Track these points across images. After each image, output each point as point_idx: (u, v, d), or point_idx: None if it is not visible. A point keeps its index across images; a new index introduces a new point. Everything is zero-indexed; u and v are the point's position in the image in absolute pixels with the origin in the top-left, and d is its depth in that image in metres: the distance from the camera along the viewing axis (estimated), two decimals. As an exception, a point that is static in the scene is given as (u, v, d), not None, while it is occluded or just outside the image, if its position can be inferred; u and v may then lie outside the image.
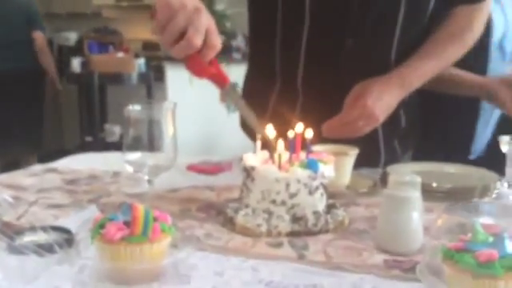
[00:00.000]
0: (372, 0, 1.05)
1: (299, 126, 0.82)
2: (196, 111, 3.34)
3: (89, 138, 4.09)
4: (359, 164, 0.98)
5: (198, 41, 0.74)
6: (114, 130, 4.04)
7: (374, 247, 0.71)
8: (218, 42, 0.77)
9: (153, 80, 4.03)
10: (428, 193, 0.80)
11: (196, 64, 0.77)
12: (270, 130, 0.81)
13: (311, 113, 0.96)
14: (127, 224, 0.59)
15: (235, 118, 1.23)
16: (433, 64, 1.09)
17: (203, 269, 0.63)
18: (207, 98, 2.76)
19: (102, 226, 0.59)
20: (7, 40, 3.42)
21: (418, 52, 1.09)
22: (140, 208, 0.59)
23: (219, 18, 3.73)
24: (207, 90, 1.05)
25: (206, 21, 0.75)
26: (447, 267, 0.54)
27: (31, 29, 3.55)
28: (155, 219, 0.61)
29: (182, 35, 0.74)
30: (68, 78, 4.26)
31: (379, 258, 0.68)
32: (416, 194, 0.70)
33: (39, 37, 3.58)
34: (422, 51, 1.09)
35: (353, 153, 0.94)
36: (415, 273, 0.61)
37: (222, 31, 3.86)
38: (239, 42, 3.69)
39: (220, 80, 0.80)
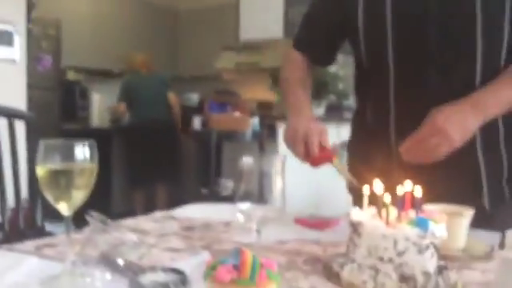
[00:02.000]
0: (449, 29, 1.11)
1: (408, 184, 0.81)
2: (305, 168, 3.36)
3: (204, 191, 4.33)
4: (458, 202, 0.95)
5: (315, 151, 1.09)
6: (227, 185, 4.22)
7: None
8: (328, 144, 1.10)
9: (265, 137, 4.20)
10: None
11: (311, 160, 1.11)
12: (378, 185, 0.81)
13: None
14: (236, 267, 0.62)
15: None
16: (510, 92, 1.08)
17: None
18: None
19: (213, 267, 0.64)
20: (154, 99, 4.61)
21: (496, 79, 1.10)
22: (248, 253, 0.63)
23: (332, 79, 3.83)
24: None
25: (316, 136, 1.09)
26: None
27: (167, 91, 4.62)
28: (262, 265, 0.63)
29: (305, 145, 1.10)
30: (189, 135, 4.71)
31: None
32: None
33: (172, 96, 4.66)
34: (500, 78, 1.10)
35: (468, 213, 0.90)
36: None
37: (334, 91, 3.93)
38: (351, 101, 3.73)
39: (329, 161, 1.10)
